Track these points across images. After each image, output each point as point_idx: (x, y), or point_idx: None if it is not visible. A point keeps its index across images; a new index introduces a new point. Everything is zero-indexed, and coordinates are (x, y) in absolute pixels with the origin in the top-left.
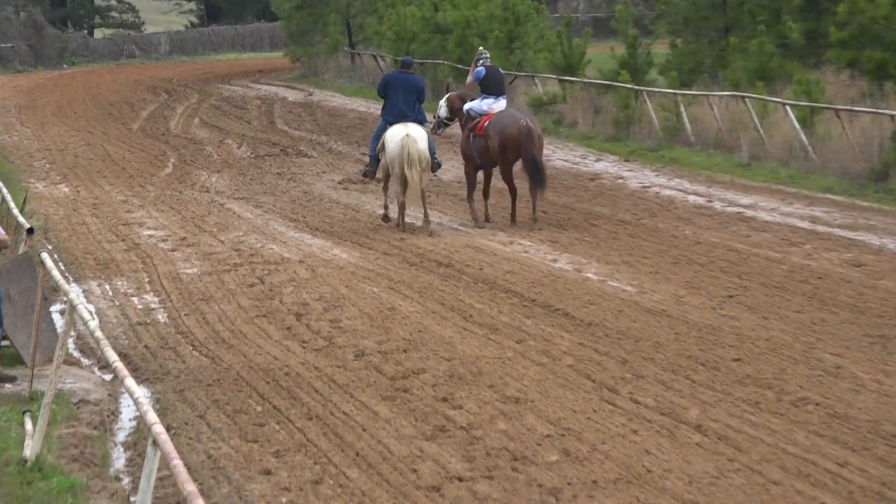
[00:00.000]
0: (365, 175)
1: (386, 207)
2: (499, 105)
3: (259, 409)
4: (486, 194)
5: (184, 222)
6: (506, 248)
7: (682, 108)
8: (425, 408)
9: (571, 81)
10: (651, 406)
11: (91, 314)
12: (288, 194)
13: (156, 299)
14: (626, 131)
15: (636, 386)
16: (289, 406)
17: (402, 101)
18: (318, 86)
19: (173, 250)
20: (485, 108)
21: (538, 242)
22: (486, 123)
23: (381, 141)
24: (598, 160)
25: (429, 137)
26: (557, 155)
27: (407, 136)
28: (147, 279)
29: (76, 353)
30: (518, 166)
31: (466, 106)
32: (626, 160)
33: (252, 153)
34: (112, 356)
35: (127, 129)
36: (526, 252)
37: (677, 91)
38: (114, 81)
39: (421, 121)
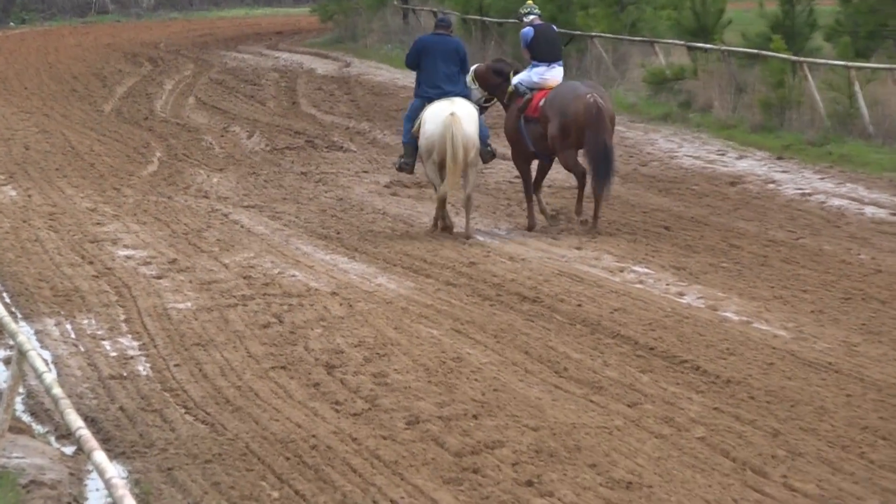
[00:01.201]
0: (400, 169)
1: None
2: (553, 75)
3: (275, 494)
4: (537, 187)
5: (174, 239)
6: (614, 278)
7: (856, 87)
8: (503, 495)
9: (705, 50)
10: (813, 495)
11: (47, 364)
12: (316, 201)
13: (135, 344)
14: (780, 118)
15: (792, 467)
16: (316, 491)
17: (440, 71)
18: (358, 54)
19: (159, 277)
20: (535, 79)
21: (658, 269)
22: (540, 102)
23: (416, 122)
24: (740, 157)
25: (480, 118)
26: (685, 150)
27: (452, 116)
28: (123, 317)
29: (26, 418)
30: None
31: (514, 81)
32: (780, 157)
33: (267, 145)
34: (75, 421)
35: (96, 111)
36: (641, 282)
37: (850, 63)
38: (78, 46)
39: (467, 96)
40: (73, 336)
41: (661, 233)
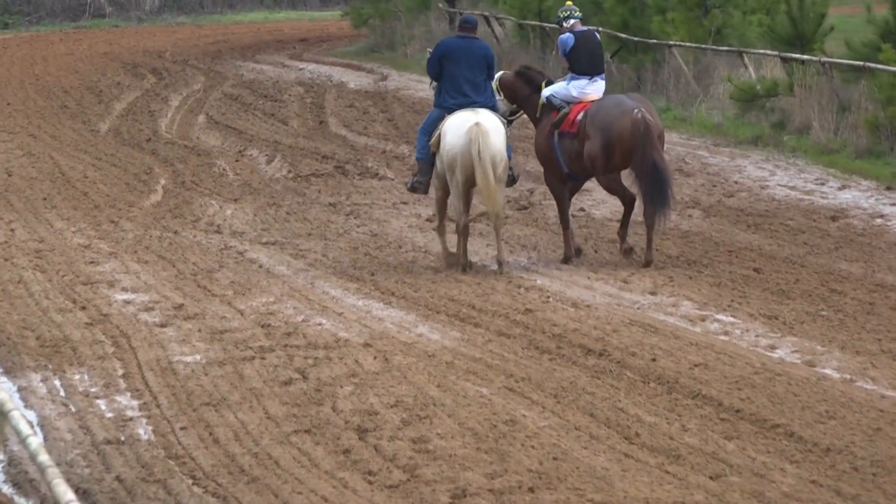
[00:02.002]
0: (413, 189)
1: (444, 248)
2: (595, 89)
3: None
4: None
5: (180, 281)
6: (693, 328)
7: None
8: None
9: (803, 62)
10: None
11: (32, 426)
12: (347, 237)
13: (135, 403)
14: (891, 141)
15: None
16: None
17: (465, 79)
18: (396, 65)
19: (163, 325)
20: (574, 93)
21: (746, 318)
22: (578, 116)
23: (435, 135)
24: (843, 187)
25: (506, 133)
26: (778, 178)
27: (477, 126)
28: (121, 371)
29: (7, 489)
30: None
31: (547, 91)
32: (889, 188)
33: (290, 172)
34: (65, 493)
35: (91, 130)
36: (726, 334)
37: None
38: (70, 55)
39: (493, 107)
40: (62, 394)
41: (749, 275)
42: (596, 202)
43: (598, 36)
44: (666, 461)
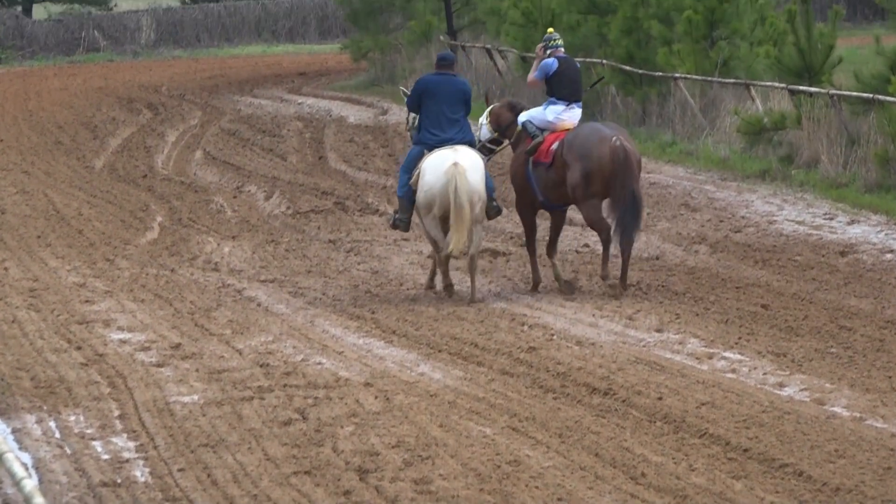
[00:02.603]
0: (394, 226)
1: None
2: (570, 116)
3: None
4: (551, 250)
5: (177, 320)
6: (701, 366)
7: None
8: None
9: (811, 94)
10: None
11: (26, 468)
12: (347, 275)
13: (131, 444)
14: None
15: None
16: None
17: (444, 115)
18: (397, 99)
19: (160, 365)
20: (550, 118)
21: (754, 356)
22: (552, 146)
23: (415, 172)
24: (852, 222)
25: (485, 169)
26: (786, 213)
27: (455, 166)
28: (117, 412)
29: None
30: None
31: (524, 116)
32: None
33: (289, 208)
34: None
35: (85, 167)
36: (734, 371)
37: None
38: (65, 90)
39: (472, 143)
40: (57, 435)
41: (757, 312)
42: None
43: (577, 65)
44: (673, 501)
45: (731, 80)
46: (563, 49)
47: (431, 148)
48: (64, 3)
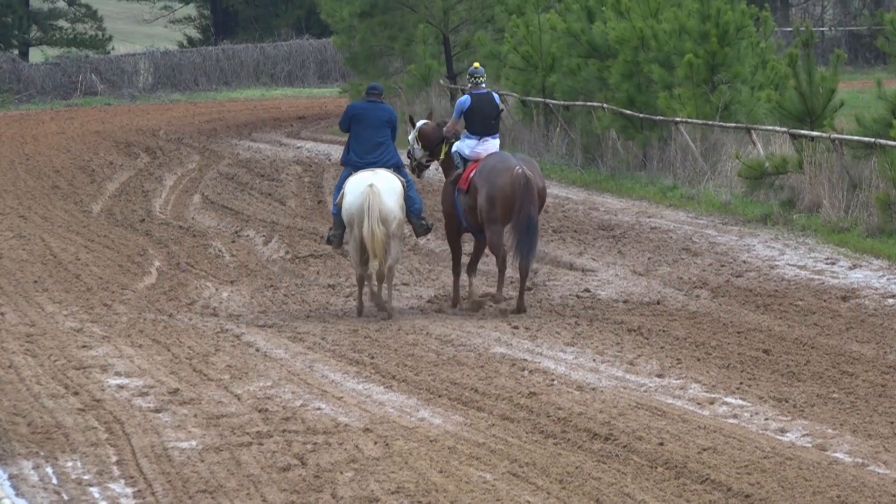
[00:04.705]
0: (328, 241)
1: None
2: (485, 149)
3: None
4: (471, 269)
5: (175, 365)
6: (702, 411)
7: None
8: None
9: (812, 138)
10: None
11: None
12: (346, 320)
13: (129, 491)
14: None
15: None
16: None
17: (370, 139)
18: (397, 142)
19: (158, 411)
20: (466, 151)
21: (756, 401)
22: (471, 174)
23: (340, 193)
24: (854, 267)
25: (410, 192)
26: (787, 258)
27: (370, 188)
28: (115, 458)
29: None
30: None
31: (454, 147)
32: None
33: (288, 253)
34: None
35: (83, 211)
36: (735, 416)
37: None
38: (62, 133)
39: (398, 165)
40: (54, 481)
41: (758, 357)
42: (601, 283)
43: (496, 99)
44: None
45: (733, 125)
46: (484, 84)
47: (357, 169)
48: (61, 46)
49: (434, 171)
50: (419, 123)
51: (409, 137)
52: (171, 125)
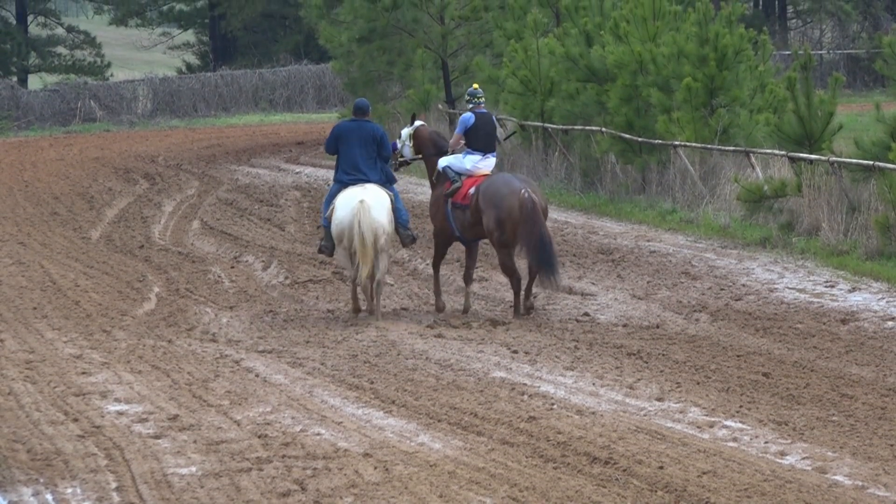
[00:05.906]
0: (320, 251)
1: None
2: (486, 164)
3: None
4: (467, 278)
5: (175, 391)
6: (702, 434)
7: None
8: None
9: (811, 161)
10: None
11: None
12: (345, 345)
13: None
14: None
15: None
16: None
17: (357, 156)
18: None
19: (157, 437)
20: (468, 166)
21: (755, 424)
22: (470, 190)
23: (330, 208)
24: (853, 290)
25: (397, 204)
26: (787, 281)
27: (361, 203)
28: (114, 484)
29: None
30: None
31: (443, 162)
32: None
33: (287, 278)
34: None
35: (82, 238)
36: (735, 440)
37: None
38: (60, 160)
39: (390, 179)
40: None
41: (758, 380)
42: (601, 307)
43: (495, 120)
44: None
45: (731, 148)
46: (483, 104)
47: (346, 185)
48: (59, 72)
49: (416, 186)
50: (417, 124)
51: (403, 133)
52: (170, 151)
